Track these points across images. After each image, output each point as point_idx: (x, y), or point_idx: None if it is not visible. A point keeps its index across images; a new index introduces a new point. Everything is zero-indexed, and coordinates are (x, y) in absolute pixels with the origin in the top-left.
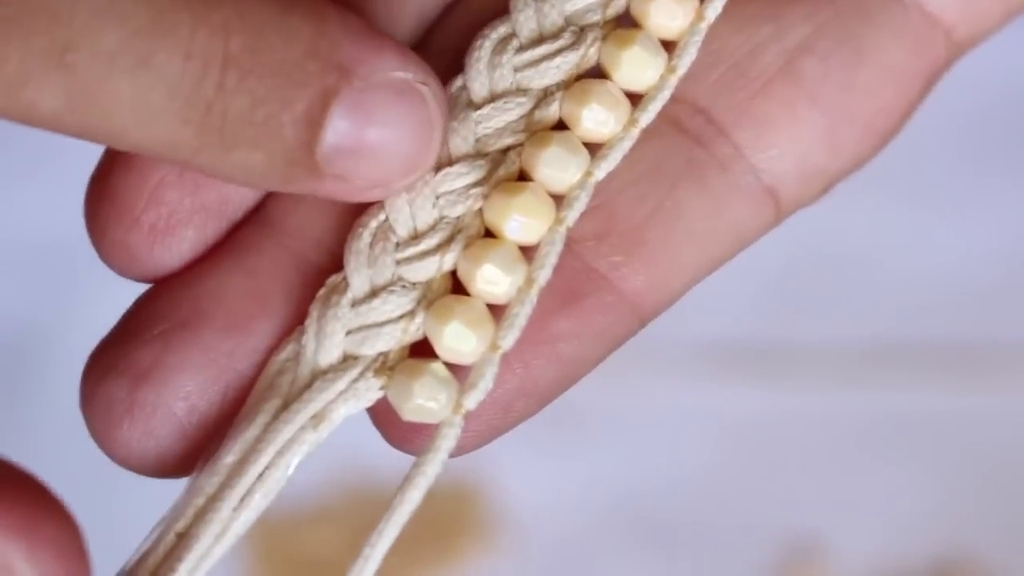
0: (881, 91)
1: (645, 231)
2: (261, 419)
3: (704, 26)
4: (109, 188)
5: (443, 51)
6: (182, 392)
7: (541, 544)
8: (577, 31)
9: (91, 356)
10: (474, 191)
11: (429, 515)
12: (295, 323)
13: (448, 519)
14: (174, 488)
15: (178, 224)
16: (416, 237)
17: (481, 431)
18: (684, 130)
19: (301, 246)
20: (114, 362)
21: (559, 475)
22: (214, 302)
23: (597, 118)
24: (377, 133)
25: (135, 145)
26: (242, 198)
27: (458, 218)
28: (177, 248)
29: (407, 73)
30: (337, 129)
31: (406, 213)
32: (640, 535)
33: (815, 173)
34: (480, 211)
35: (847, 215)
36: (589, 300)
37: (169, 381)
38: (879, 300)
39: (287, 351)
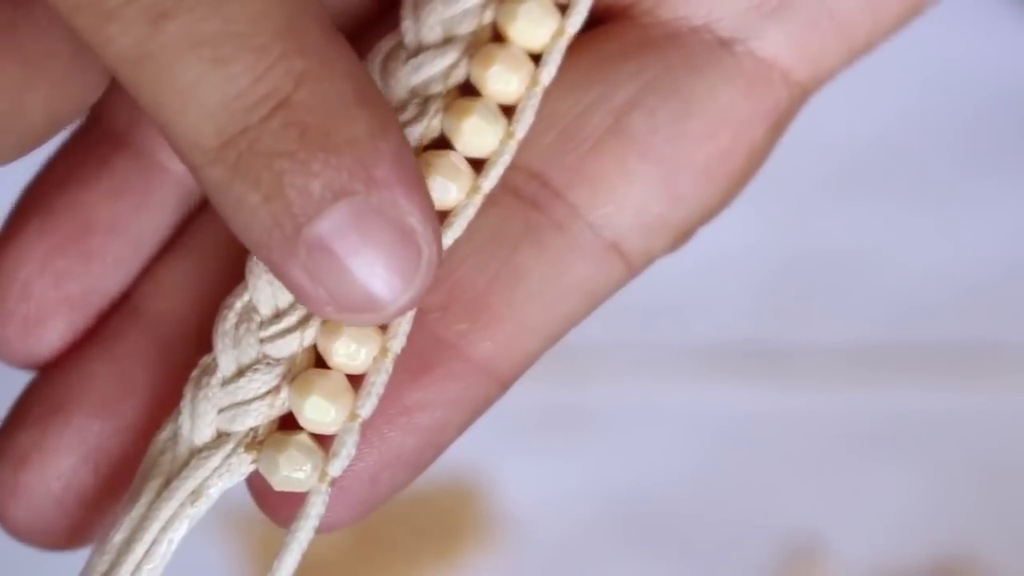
0: (715, 136)
1: (488, 297)
2: (145, 498)
3: (539, 90)
4: None
5: None
6: (57, 473)
7: (540, 543)
8: (421, 102)
9: None
10: None
11: (428, 515)
12: (159, 403)
13: (447, 519)
14: None
15: (46, 316)
16: (278, 315)
17: (352, 505)
18: (521, 196)
19: (163, 331)
20: (2, 448)
21: (558, 475)
22: (84, 388)
23: (442, 188)
24: (359, 256)
25: (162, 121)
26: (106, 289)
27: None
28: (48, 338)
29: (420, 225)
30: (332, 224)
31: (268, 292)
32: (639, 535)
33: (658, 223)
34: None
35: (846, 215)
36: (439, 370)
37: (46, 463)
38: (878, 300)
39: (167, 430)
